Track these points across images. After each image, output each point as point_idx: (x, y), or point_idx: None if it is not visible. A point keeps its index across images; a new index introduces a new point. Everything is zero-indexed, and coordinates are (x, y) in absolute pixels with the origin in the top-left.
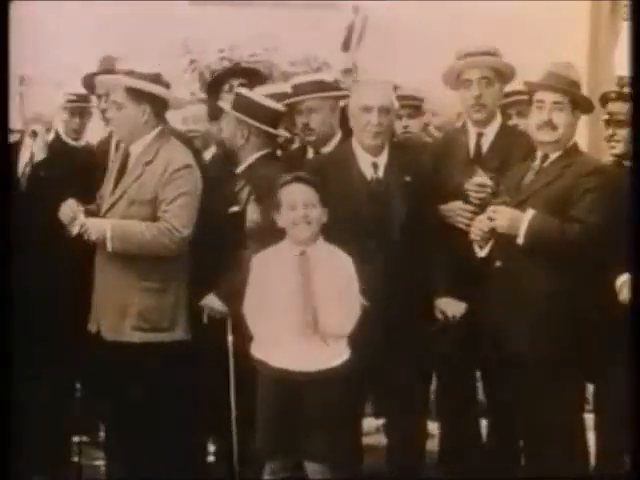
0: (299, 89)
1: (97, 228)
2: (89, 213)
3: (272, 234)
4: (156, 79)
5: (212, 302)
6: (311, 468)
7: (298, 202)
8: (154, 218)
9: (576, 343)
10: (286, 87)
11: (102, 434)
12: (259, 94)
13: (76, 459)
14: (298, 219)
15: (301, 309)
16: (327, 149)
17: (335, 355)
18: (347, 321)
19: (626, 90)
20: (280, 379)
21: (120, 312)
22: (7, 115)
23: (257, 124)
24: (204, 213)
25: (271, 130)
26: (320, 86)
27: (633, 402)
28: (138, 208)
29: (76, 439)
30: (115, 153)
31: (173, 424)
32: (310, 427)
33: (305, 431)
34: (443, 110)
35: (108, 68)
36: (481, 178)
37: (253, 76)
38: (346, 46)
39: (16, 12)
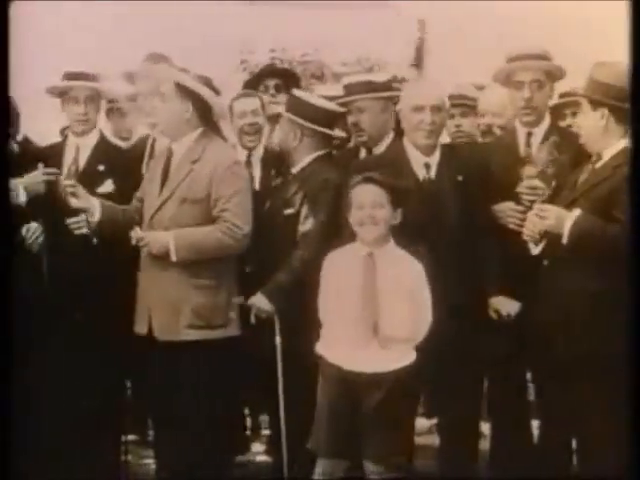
0: (350, 89)
1: (158, 242)
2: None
3: (329, 235)
4: (207, 82)
5: (259, 301)
6: (369, 468)
7: (366, 202)
8: (208, 216)
9: (623, 342)
10: (338, 88)
11: (151, 433)
12: (314, 95)
13: (125, 458)
14: (365, 219)
15: (363, 311)
16: (379, 149)
17: (395, 359)
18: (411, 327)
19: None
20: (339, 378)
21: (173, 311)
22: (7, 115)
23: (312, 126)
24: (257, 213)
25: (326, 131)
26: (370, 86)
27: (633, 402)
28: (190, 206)
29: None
30: (150, 153)
31: (223, 423)
32: (367, 427)
33: (363, 431)
34: (493, 110)
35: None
36: (533, 181)
37: (288, 77)
38: (419, 63)
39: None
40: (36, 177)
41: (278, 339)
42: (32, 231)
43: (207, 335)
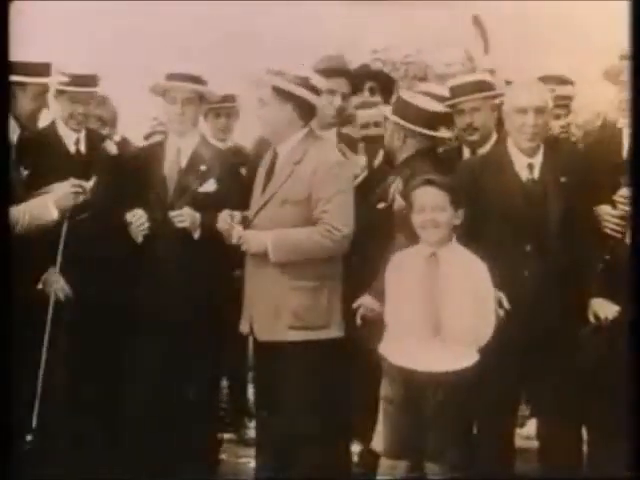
0: (458, 90)
1: (256, 241)
2: (244, 220)
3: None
4: (304, 83)
5: (367, 302)
6: (431, 469)
7: (427, 205)
8: (308, 218)
9: None
10: (443, 89)
11: (249, 432)
12: (420, 97)
13: (223, 456)
14: (426, 222)
15: (426, 311)
16: (484, 150)
17: (458, 359)
18: (474, 328)
19: None
20: (402, 378)
21: (274, 312)
22: (7, 116)
23: (416, 128)
24: (359, 211)
25: (429, 132)
26: (481, 86)
27: (633, 403)
28: (291, 208)
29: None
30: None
31: (322, 422)
32: (430, 428)
33: (425, 431)
34: (584, 109)
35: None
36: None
37: (383, 80)
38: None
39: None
40: (64, 188)
41: (358, 329)
42: (137, 217)
43: (308, 336)
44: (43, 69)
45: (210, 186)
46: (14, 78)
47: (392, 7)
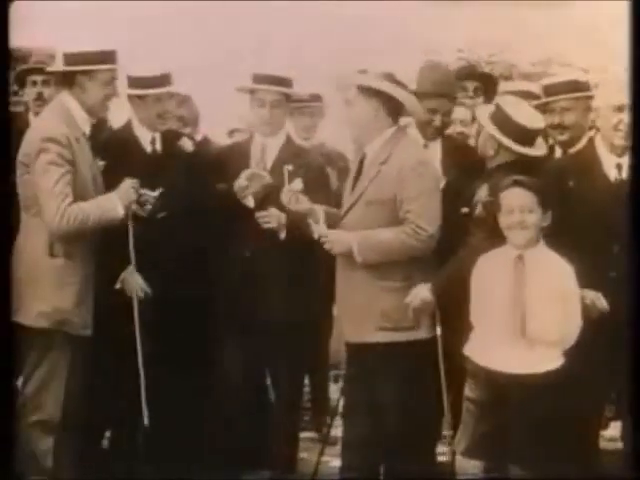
0: (551, 89)
1: (341, 242)
2: (330, 217)
3: (493, 236)
4: (390, 78)
5: (422, 293)
6: (513, 470)
7: (515, 207)
8: (394, 218)
9: None
10: (533, 86)
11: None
12: (520, 105)
13: (304, 455)
14: (514, 224)
15: (511, 312)
16: (574, 149)
17: (542, 362)
18: (559, 330)
19: None
20: (486, 379)
21: (363, 313)
22: (7, 116)
23: (510, 144)
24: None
25: (523, 150)
26: (574, 86)
27: (633, 401)
28: (377, 208)
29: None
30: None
31: (408, 423)
32: (513, 429)
33: (508, 433)
34: None
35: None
36: None
37: (487, 81)
38: None
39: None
40: (128, 185)
41: (439, 331)
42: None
43: (397, 337)
44: (109, 57)
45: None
46: (79, 68)
47: (476, 6)
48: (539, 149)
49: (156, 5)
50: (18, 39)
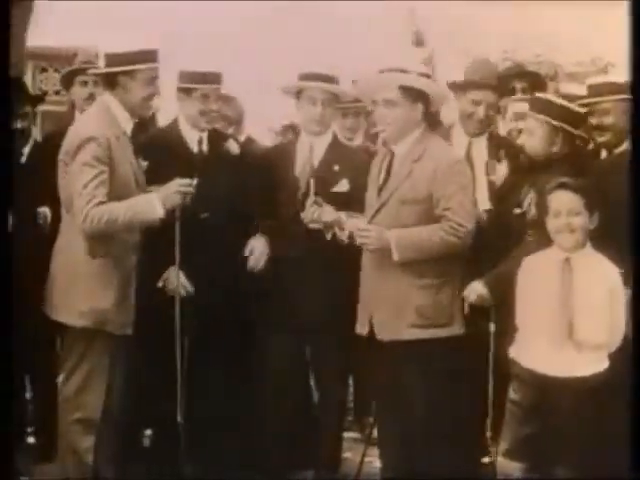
0: (594, 89)
1: (378, 238)
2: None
3: (544, 237)
4: (428, 78)
5: (477, 288)
6: (558, 473)
7: (562, 209)
8: (429, 216)
9: None
10: (578, 87)
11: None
12: (557, 96)
13: (347, 455)
14: (561, 227)
15: (558, 315)
16: (619, 150)
17: (589, 364)
18: (606, 333)
19: None
20: (532, 381)
21: (397, 311)
22: (8, 117)
23: (562, 124)
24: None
25: (574, 131)
26: (614, 87)
27: (633, 402)
28: (410, 207)
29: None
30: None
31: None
32: (556, 432)
33: (551, 435)
34: None
35: None
36: None
37: (534, 79)
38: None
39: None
40: (171, 187)
41: (492, 327)
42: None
43: (431, 334)
44: (150, 56)
45: (343, 186)
46: (120, 68)
47: (521, 7)
48: (581, 133)
49: (201, 5)
50: (61, 39)
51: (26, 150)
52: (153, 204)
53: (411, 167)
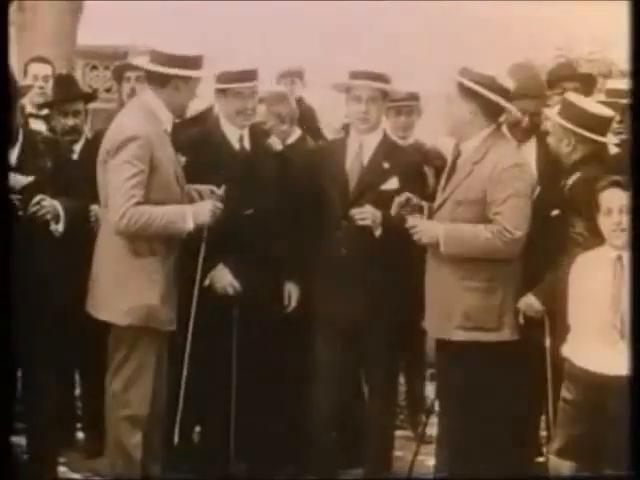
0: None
1: (430, 231)
2: (420, 211)
3: (592, 238)
4: (490, 82)
5: (531, 301)
6: (608, 473)
7: (614, 208)
8: (482, 218)
9: None
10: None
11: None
12: (588, 100)
13: (399, 453)
14: (613, 225)
15: (611, 314)
16: None
17: None
18: None
19: None
20: (585, 381)
21: (446, 311)
22: (8, 117)
23: (584, 132)
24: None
25: (599, 138)
26: None
27: (633, 402)
28: (465, 208)
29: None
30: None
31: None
32: (611, 431)
33: (604, 435)
34: None
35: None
36: None
37: (586, 80)
38: None
39: None
40: (206, 205)
41: (548, 341)
42: None
43: (477, 337)
44: (197, 62)
45: (392, 184)
46: (172, 71)
47: (575, 6)
48: (611, 139)
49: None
50: (114, 37)
51: (77, 147)
52: (185, 217)
53: (472, 168)
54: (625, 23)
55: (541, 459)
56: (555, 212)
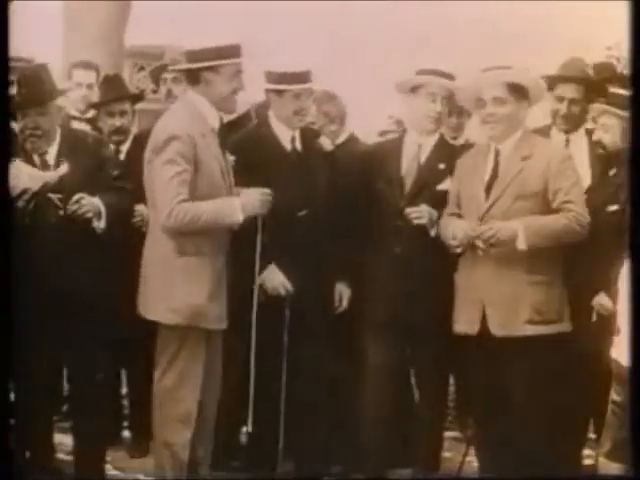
0: None
1: (507, 229)
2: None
3: None
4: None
5: (604, 301)
6: None
7: None
8: (545, 208)
9: None
10: None
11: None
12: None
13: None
14: None
15: None
16: None
17: None
18: None
19: None
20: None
21: (512, 307)
22: (8, 117)
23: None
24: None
25: None
26: None
27: (633, 402)
28: (524, 201)
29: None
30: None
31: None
32: None
33: None
34: None
35: None
36: None
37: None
38: None
39: None
40: (254, 195)
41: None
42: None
43: (544, 330)
44: (233, 51)
45: (447, 184)
46: (203, 64)
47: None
48: None
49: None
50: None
51: (125, 148)
52: (235, 209)
53: (521, 165)
54: None
55: (589, 461)
56: (613, 207)
